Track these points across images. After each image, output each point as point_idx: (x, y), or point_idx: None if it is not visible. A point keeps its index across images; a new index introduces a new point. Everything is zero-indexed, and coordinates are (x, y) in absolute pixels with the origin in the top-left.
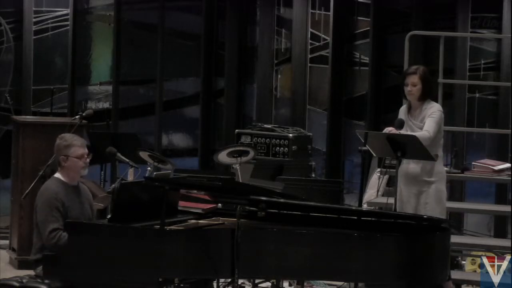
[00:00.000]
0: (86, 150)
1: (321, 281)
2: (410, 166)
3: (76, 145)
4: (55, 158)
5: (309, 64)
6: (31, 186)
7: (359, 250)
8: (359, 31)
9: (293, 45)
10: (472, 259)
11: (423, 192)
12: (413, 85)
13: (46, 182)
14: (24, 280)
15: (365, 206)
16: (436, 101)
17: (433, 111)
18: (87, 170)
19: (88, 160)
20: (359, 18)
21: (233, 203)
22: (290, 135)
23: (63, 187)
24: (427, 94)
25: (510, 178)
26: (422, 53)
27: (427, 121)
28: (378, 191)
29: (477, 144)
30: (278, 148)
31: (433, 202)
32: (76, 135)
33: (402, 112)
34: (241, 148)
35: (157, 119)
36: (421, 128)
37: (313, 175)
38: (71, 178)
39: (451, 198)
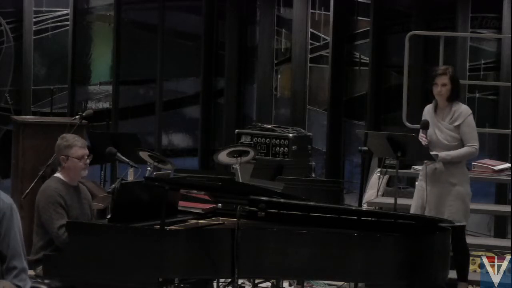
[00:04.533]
0: (87, 151)
1: (321, 281)
2: (437, 166)
3: (76, 146)
4: (55, 158)
5: (309, 64)
6: (31, 186)
7: (359, 250)
8: (359, 31)
9: (293, 45)
10: (472, 259)
11: (445, 193)
12: (443, 85)
13: (46, 181)
14: None
15: (365, 206)
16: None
17: (466, 118)
18: (87, 171)
19: (88, 161)
20: (359, 18)
21: (233, 203)
22: (290, 135)
23: (64, 187)
24: (456, 95)
25: (510, 178)
26: (422, 53)
27: (466, 134)
28: (378, 191)
29: None
30: (278, 148)
31: (456, 204)
32: (77, 136)
33: (427, 112)
34: (241, 148)
35: (157, 119)
36: (449, 129)
37: (313, 175)
38: (71, 178)
39: None
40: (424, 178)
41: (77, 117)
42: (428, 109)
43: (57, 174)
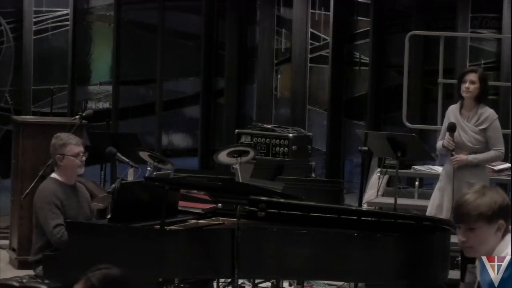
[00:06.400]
0: (82, 149)
1: (321, 281)
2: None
3: (71, 144)
4: (52, 158)
5: (309, 64)
6: (31, 186)
7: (359, 250)
8: (359, 31)
9: (293, 45)
10: None
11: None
12: (471, 82)
13: (42, 183)
14: (24, 280)
15: (365, 206)
16: (436, 101)
17: (492, 123)
18: (83, 168)
19: (84, 158)
20: (359, 18)
21: (233, 203)
22: (290, 135)
23: (60, 187)
24: (483, 96)
25: (510, 178)
26: (422, 53)
27: (492, 138)
28: (378, 191)
29: None
30: (278, 148)
31: None
32: (71, 134)
33: (451, 112)
34: (241, 148)
35: (157, 119)
36: (474, 132)
37: (313, 175)
38: (68, 177)
39: None
40: (448, 178)
41: (77, 117)
42: (452, 109)
43: (53, 175)
